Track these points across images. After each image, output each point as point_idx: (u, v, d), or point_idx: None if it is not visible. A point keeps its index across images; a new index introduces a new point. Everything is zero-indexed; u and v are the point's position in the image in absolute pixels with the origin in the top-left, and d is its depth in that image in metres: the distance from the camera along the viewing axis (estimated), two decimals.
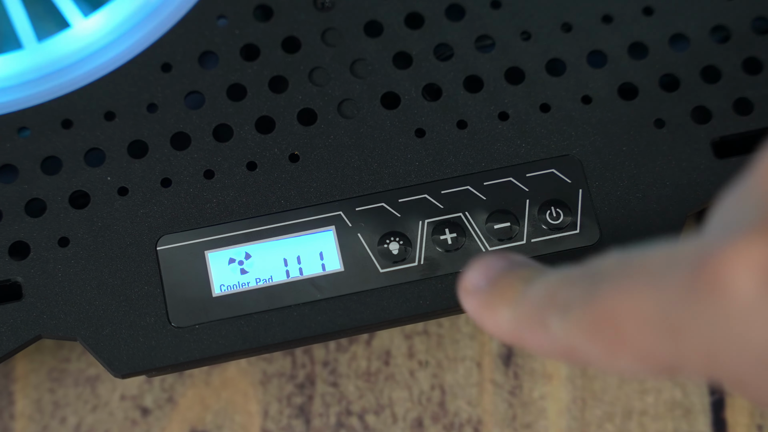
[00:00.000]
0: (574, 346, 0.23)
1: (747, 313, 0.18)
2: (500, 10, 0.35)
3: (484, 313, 0.29)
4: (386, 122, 0.34)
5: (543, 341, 0.25)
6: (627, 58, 0.35)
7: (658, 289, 0.20)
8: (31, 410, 0.38)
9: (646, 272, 0.21)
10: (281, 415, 0.38)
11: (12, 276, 0.32)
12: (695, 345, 0.20)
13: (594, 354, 0.22)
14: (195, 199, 0.33)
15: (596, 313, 0.22)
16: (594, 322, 0.22)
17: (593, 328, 0.22)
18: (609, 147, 0.33)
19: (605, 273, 0.22)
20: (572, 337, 0.23)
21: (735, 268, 0.18)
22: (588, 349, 0.23)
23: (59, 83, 0.34)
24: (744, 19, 0.35)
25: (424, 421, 0.38)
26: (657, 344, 0.20)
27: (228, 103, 0.34)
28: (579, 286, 0.23)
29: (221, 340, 0.31)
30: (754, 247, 0.18)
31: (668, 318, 0.20)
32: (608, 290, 0.22)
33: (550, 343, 0.24)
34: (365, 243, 0.32)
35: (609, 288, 0.22)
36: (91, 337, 0.31)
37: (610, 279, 0.22)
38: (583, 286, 0.23)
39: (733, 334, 0.19)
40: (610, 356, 0.22)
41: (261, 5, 0.35)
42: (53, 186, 0.33)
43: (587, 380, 0.39)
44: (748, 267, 0.18)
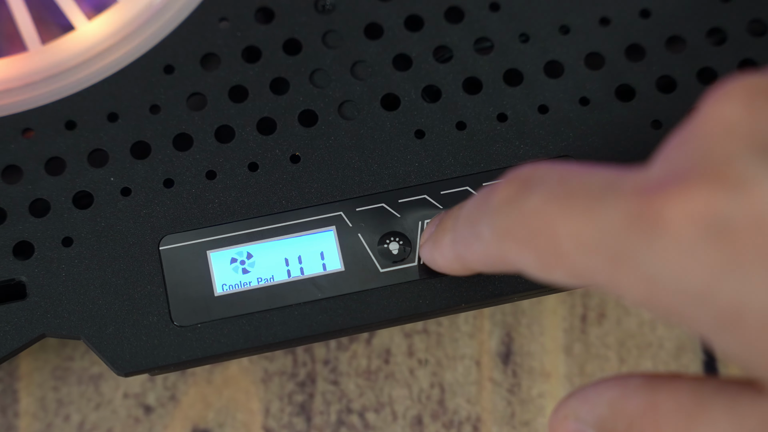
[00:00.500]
0: (507, 253, 0.23)
1: (684, 256, 0.19)
2: (499, 12, 0.35)
3: (434, 252, 0.29)
4: (386, 123, 0.34)
5: (479, 251, 0.25)
6: (624, 60, 0.35)
7: (599, 213, 0.20)
8: (35, 408, 0.38)
9: (587, 193, 0.21)
10: (282, 413, 0.38)
11: (16, 275, 0.32)
12: (633, 275, 0.20)
13: (528, 262, 0.22)
14: (197, 200, 0.33)
15: (528, 220, 0.22)
16: (526, 230, 0.22)
17: (526, 236, 0.22)
18: (606, 148, 0.33)
19: (537, 182, 0.22)
20: (502, 242, 0.23)
21: (677, 211, 0.19)
22: (521, 258, 0.23)
23: (63, 85, 0.34)
24: (740, 21, 0.35)
25: (424, 418, 0.38)
26: (595, 267, 0.21)
27: (230, 104, 0.34)
28: (507, 191, 0.23)
29: (223, 338, 0.31)
30: (696, 194, 0.19)
31: (608, 245, 0.20)
32: (543, 201, 0.22)
33: (485, 252, 0.24)
34: (365, 243, 0.32)
35: (543, 199, 0.22)
36: (95, 335, 0.31)
37: (544, 189, 0.22)
38: (512, 191, 0.23)
39: (670, 273, 0.19)
40: (546, 268, 0.22)
41: (262, 7, 0.35)
42: (57, 186, 0.33)
43: (585, 379, 0.39)
44: (689, 212, 0.19)
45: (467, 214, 0.25)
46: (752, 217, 0.18)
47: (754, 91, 0.20)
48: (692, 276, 0.19)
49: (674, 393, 0.21)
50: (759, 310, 0.18)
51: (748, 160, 0.19)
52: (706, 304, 0.19)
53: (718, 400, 0.21)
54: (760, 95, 0.20)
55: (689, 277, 0.19)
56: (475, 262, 0.26)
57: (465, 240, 0.26)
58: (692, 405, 0.21)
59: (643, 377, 0.23)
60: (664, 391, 0.22)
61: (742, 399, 0.20)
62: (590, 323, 0.40)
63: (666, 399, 0.21)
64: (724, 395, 0.21)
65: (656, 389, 0.22)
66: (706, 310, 0.19)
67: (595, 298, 0.40)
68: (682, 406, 0.21)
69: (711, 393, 0.21)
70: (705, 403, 0.21)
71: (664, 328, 0.39)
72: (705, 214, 0.19)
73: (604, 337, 0.39)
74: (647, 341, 0.39)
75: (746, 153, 0.19)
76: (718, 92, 0.21)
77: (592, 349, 0.39)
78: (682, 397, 0.21)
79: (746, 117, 0.20)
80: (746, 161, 0.19)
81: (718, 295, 0.19)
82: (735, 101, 0.20)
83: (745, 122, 0.20)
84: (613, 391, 0.23)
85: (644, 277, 0.20)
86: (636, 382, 0.23)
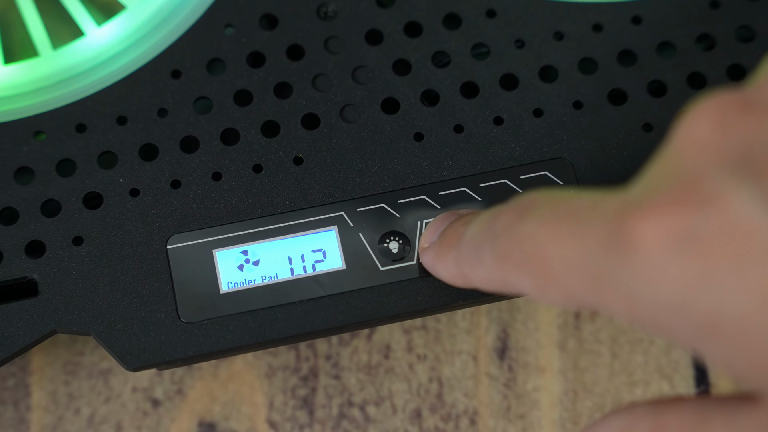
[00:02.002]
0: (507, 277, 0.24)
1: (658, 271, 0.19)
2: (495, 19, 0.35)
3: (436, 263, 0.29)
4: (386, 126, 0.34)
5: (482, 274, 0.25)
6: (616, 65, 0.35)
7: (582, 236, 0.21)
8: (46, 402, 0.38)
9: (573, 217, 0.21)
10: (286, 407, 0.38)
11: (28, 273, 0.32)
12: (615, 293, 0.20)
13: (526, 286, 0.23)
14: (203, 200, 0.33)
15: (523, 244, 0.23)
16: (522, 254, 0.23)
17: (522, 259, 0.23)
18: (599, 150, 0.33)
19: (533, 207, 0.23)
20: (503, 266, 0.24)
21: (648, 229, 0.19)
22: (520, 281, 0.23)
23: (73, 89, 0.34)
24: (728, 28, 0.35)
25: (423, 412, 0.38)
26: (582, 287, 0.21)
27: (235, 108, 0.34)
28: (507, 217, 0.24)
29: (228, 334, 0.31)
30: (667, 211, 0.19)
31: (590, 266, 0.21)
32: (535, 225, 0.22)
33: (489, 276, 0.25)
34: (366, 242, 0.32)
35: (536, 223, 0.22)
36: (104, 331, 0.31)
37: (537, 215, 0.22)
38: (511, 218, 0.23)
39: (648, 289, 0.19)
40: (541, 290, 0.22)
41: (266, 14, 0.35)
42: (68, 187, 0.33)
43: (579, 373, 0.39)
44: (660, 229, 0.19)
45: (472, 237, 0.26)
46: (721, 229, 0.18)
47: (724, 109, 0.20)
48: (668, 289, 0.19)
49: (678, 413, 0.22)
50: (734, 318, 0.19)
51: (717, 175, 0.19)
52: (684, 316, 0.19)
53: (717, 415, 0.21)
54: (729, 113, 0.20)
55: (665, 291, 0.19)
56: (479, 282, 0.26)
57: (470, 262, 0.26)
58: (695, 422, 0.21)
59: (648, 404, 0.23)
60: (669, 413, 0.22)
61: (739, 411, 0.20)
62: (584, 320, 0.40)
63: (671, 420, 0.22)
64: (723, 410, 0.21)
65: (661, 412, 0.22)
66: (684, 321, 0.19)
67: None
68: (685, 424, 0.21)
69: (711, 409, 0.21)
70: (706, 419, 0.21)
71: None
72: (675, 230, 0.19)
73: (597, 333, 0.39)
74: (639, 337, 0.39)
75: (715, 169, 0.19)
76: (690, 113, 0.21)
77: (586, 345, 0.39)
78: (685, 417, 0.21)
79: (716, 135, 0.20)
80: (715, 176, 0.19)
81: (695, 306, 0.19)
82: (705, 120, 0.20)
83: (714, 140, 0.20)
84: (621, 421, 0.23)
85: (625, 294, 0.20)
86: (642, 409, 0.23)
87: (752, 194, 0.18)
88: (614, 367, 0.39)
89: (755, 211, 0.18)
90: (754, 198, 0.18)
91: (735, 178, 0.19)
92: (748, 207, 0.18)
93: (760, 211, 0.18)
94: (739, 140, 0.19)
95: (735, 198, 0.18)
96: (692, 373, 0.39)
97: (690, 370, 0.39)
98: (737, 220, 0.18)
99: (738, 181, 0.19)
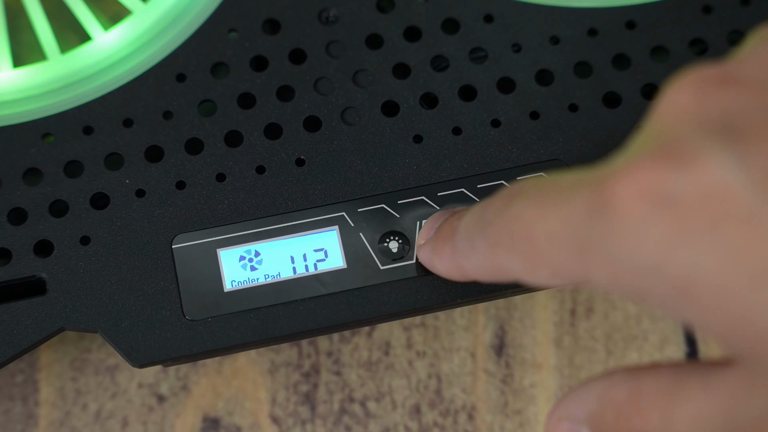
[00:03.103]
0: (499, 262, 0.23)
1: (635, 232, 0.19)
2: (492, 24, 0.35)
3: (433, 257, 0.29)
4: (386, 129, 0.34)
5: (476, 263, 0.25)
6: (611, 69, 0.35)
7: (565, 208, 0.21)
8: (54, 397, 0.38)
9: (556, 193, 0.21)
10: (288, 402, 0.38)
11: (37, 272, 0.32)
12: (598, 260, 0.20)
13: (517, 268, 0.23)
14: (208, 201, 0.33)
15: (511, 226, 0.22)
16: (510, 236, 0.22)
17: (510, 241, 0.22)
18: (594, 152, 0.34)
19: (520, 192, 0.23)
20: (494, 251, 0.24)
21: (625, 192, 0.19)
22: (511, 264, 0.23)
23: (81, 92, 0.35)
24: (720, 32, 0.35)
25: (422, 407, 0.38)
26: (568, 260, 0.21)
27: (238, 110, 0.34)
28: (497, 204, 0.24)
29: (232, 332, 0.31)
30: (642, 174, 0.19)
31: (574, 235, 0.20)
32: (521, 206, 0.22)
33: (482, 263, 0.25)
34: (366, 242, 0.32)
35: (522, 204, 0.22)
36: (111, 329, 0.31)
37: (524, 196, 0.22)
38: (501, 203, 0.23)
39: (625, 251, 0.19)
40: (531, 270, 0.22)
41: (269, 19, 0.35)
42: (75, 188, 0.33)
43: (574, 369, 0.39)
44: (636, 191, 0.19)
45: (465, 227, 0.26)
46: (698, 190, 0.18)
47: (704, 81, 0.20)
48: (644, 250, 0.19)
49: (655, 378, 0.22)
50: (709, 278, 0.18)
51: (695, 138, 0.19)
52: (659, 277, 0.19)
53: (693, 378, 0.21)
54: (708, 85, 0.20)
55: (642, 252, 0.19)
56: (474, 272, 0.26)
57: (464, 252, 0.26)
58: (671, 386, 0.21)
59: (627, 369, 0.23)
60: (646, 377, 0.22)
61: (714, 374, 0.20)
62: (579, 317, 0.40)
63: (648, 384, 0.22)
64: (699, 373, 0.21)
65: (639, 377, 0.22)
66: (661, 283, 0.19)
67: (583, 294, 0.40)
68: (662, 388, 0.21)
69: (687, 372, 0.21)
70: (682, 382, 0.21)
71: (649, 321, 0.39)
72: (652, 191, 0.19)
73: (592, 330, 0.39)
74: (633, 334, 0.39)
75: (694, 133, 0.19)
76: (671, 86, 0.21)
77: (581, 342, 0.39)
78: (662, 381, 0.21)
79: (695, 105, 0.20)
80: (693, 140, 0.19)
81: (670, 267, 0.19)
82: (686, 92, 0.20)
83: (694, 109, 0.20)
84: (600, 386, 0.23)
85: (606, 259, 0.20)
86: (620, 374, 0.23)
87: (729, 157, 0.18)
88: (609, 364, 0.39)
89: (732, 173, 0.18)
90: (730, 161, 0.18)
91: (713, 142, 0.19)
92: (725, 169, 0.18)
93: (737, 174, 0.18)
94: (718, 109, 0.19)
95: (712, 160, 0.18)
96: None
97: None
98: (714, 181, 0.18)
99: (716, 144, 0.19)
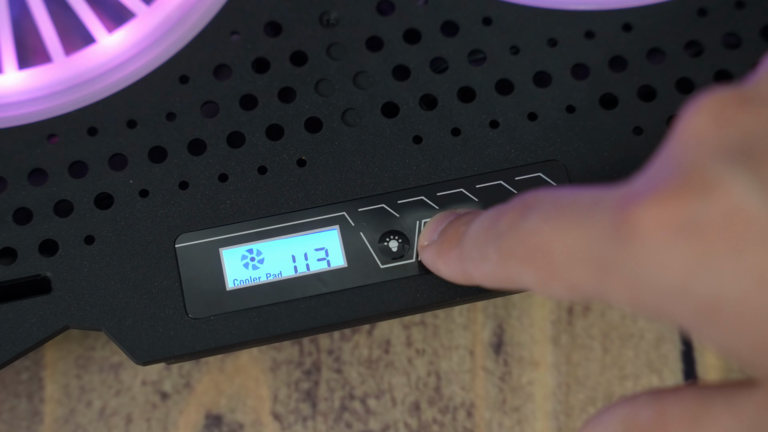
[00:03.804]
0: (511, 274, 0.23)
1: (660, 257, 0.19)
2: (491, 26, 0.35)
3: (437, 261, 0.29)
4: (386, 130, 0.34)
5: (486, 271, 0.25)
6: (608, 71, 0.35)
7: (585, 228, 0.21)
8: (59, 395, 0.38)
9: (576, 211, 0.21)
10: (290, 399, 0.38)
11: (42, 271, 0.32)
12: (619, 281, 0.20)
13: (529, 280, 0.23)
14: (210, 201, 0.33)
15: (527, 240, 0.22)
16: (526, 249, 0.23)
17: (525, 255, 0.23)
18: (591, 152, 0.34)
19: (536, 204, 0.23)
20: (507, 263, 0.24)
21: (650, 217, 0.19)
22: (523, 276, 0.23)
23: (85, 94, 0.35)
24: (716, 34, 0.35)
25: (421, 404, 0.38)
26: (585, 278, 0.21)
27: (240, 112, 0.34)
28: (511, 214, 0.24)
29: (234, 330, 0.31)
30: (668, 199, 0.19)
31: (594, 256, 0.21)
32: (539, 221, 0.22)
33: (492, 272, 0.25)
34: (367, 241, 0.32)
35: (539, 219, 0.22)
36: (115, 327, 0.31)
37: (541, 211, 0.22)
38: (515, 215, 0.23)
39: (650, 274, 0.20)
40: (544, 284, 0.22)
41: (271, 22, 0.35)
42: (80, 188, 0.33)
43: (571, 367, 0.39)
44: (661, 216, 0.19)
45: (475, 235, 0.26)
46: (721, 215, 0.19)
47: (723, 104, 0.20)
48: (669, 274, 0.19)
49: (679, 400, 0.22)
50: (733, 301, 0.19)
51: (716, 164, 0.19)
52: (684, 299, 0.19)
53: (718, 399, 0.21)
54: (727, 108, 0.20)
55: (667, 276, 0.19)
56: (482, 279, 0.26)
57: (473, 260, 0.26)
58: (696, 408, 0.21)
59: (650, 392, 0.23)
60: (670, 400, 0.22)
61: (739, 395, 0.20)
62: (576, 315, 0.40)
63: (672, 406, 0.22)
64: (723, 394, 0.21)
65: (662, 399, 0.22)
66: (685, 305, 0.19)
67: None
68: (687, 410, 0.21)
69: (712, 395, 0.21)
70: (707, 404, 0.21)
71: (644, 320, 0.39)
72: (676, 217, 0.19)
73: (589, 329, 0.39)
74: (629, 332, 0.39)
75: (714, 159, 0.19)
76: (690, 109, 0.21)
77: (578, 340, 0.39)
78: (686, 403, 0.21)
79: (714, 129, 0.20)
80: (714, 166, 0.19)
81: (695, 290, 0.19)
82: (705, 116, 0.20)
83: (714, 132, 0.20)
84: (624, 409, 0.23)
85: (628, 281, 0.20)
86: (644, 398, 0.23)
87: (750, 182, 0.18)
88: (606, 362, 0.39)
89: (753, 198, 0.18)
90: (752, 186, 0.18)
91: (734, 168, 0.19)
92: (747, 194, 0.18)
93: (758, 199, 0.18)
94: (738, 132, 0.20)
95: (734, 186, 0.19)
96: (681, 367, 0.39)
97: (679, 364, 0.39)
98: (736, 207, 0.18)
99: (737, 170, 0.19)
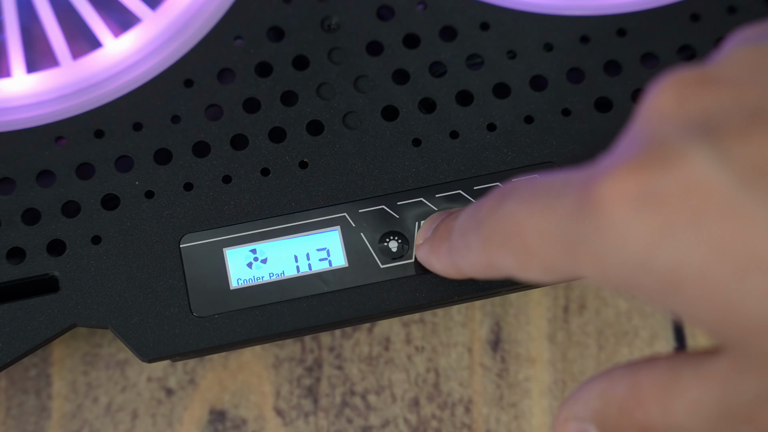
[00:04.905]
0: (492, 259, 0.24)
1: (621, 230, 0.19)
2: (488, 31, 0.35)
3: (431, 257, 0.29)
4: (386, 133, 0.34)
5: (471, 261, 0.25)
6: (603, 75, 0.35)
7: (554, 208, 0.21)
8: (66, 391, 0.38)
9: (547, 193, 0.22)
10: (292, 395, 0.38)
11: (50, 270, 0.32)
12: (587, 257, 0.20)
13: (510, 264, 0.23)
14: (214, 202, 0.33)
15: (504, 224, 0.23)
16: (503, 233, 0.23)
17: (503, 239, 0.23)
18: (586, 155, 0.34)
19: (513, 191, 0.23)
20: (487, 249, 0.24)
21: (610, 192, 0.19)
22: (504, 260, 0.23)
23: (92, 97, 0.35)
24: (708, 39, 0.35)
25: (421, 400, 0.38)
26: (558, 256, 0.21)
27: (244, 115, 0.34)
28: (490, 202, 0.24)
29: (238, 328, 0.32)
30: (626, 174, 0.19)
31: (562, 234, 0.21)
32: (514, 205, 0.22)
33: (476, 261, 0.25)
34: (367, 241, 0.32)
35: (514, 203, 0.22)
36: (121, 325, 0.32)
37: (516, 195, 0.23)
38: (494, 202, 0.24)
39: (613, 248, 0.20)
40: (523, 267, 0.22)
41: (273, 27, 0.36)
42: (87, 190, 0.33)
43: (567, 364, 0.39)
44: (620, 191, 0.19)
45: (460, 226, 0.26)
46: (680, 186, 0.19)
47: (685, 83, 0.20)
48: (630, 247, 0.19)
49: (651, 371, 0.22)
50: (694, 270, 0.19)
51: (677, 138, 0.19)
52: (647, 272, 0.19)
53: (687, 368, 0.21)
54: (689, 86, 0.20)
55: (628, 248, 0.19)
56: (469, 269, 0.26)
57: (459, 250, 0.26)
58: (667, 377, 0.21)
59: (625, 366, 0.23)
60: (643, 371, 0.22)
61: (706, 363, 0.21)
62: (572, 313, 0.40)
63: (645, 377, 0.22)
64: (692, 363, 0.21)
65: (636, 372, 0.22)
66: (648, 277, 0.19)
67: (576, 291, 0.40)
68: (658, 381, 0.21)
69: (682, 364, 0.21)
70: (677, 373, 0.21)
71: (639, 317, 0.40)
72: (636, 189, 0.19)
73: (585, 326, 0.40)
74: (624, 330, 0.39)
75: (676, 134, 0.19)
76: (654, 87, 0.21)
77: (574, 337, 0.39)
78: (658, 373, 0.22)
79: (677, 105, 0.20)
80: (675, 140, 0.19)
81: (656, 262, 0.19)
82: (668, 93, 0.20)
83: (675, 110, 0.20)
84: (601, 384, 0.23)
85: (594, 256, 0.20)
86: (618, 371, 0.23)
87: (711, 155, 0.18)
88: (601, 359, 0.39)
89: (713, 170, 0.18)
90: (712, 159, 0.18)
91: (694, 141, 0.19)
92: (707, 167, 0.18)
93: (718, 171, 0.18)
94: (699, 109, 0.20)
95: (694, 158, 0.19)
96: None
97: None
98: (696, 179, 0.18)
99: (698, 143, 0.19)
